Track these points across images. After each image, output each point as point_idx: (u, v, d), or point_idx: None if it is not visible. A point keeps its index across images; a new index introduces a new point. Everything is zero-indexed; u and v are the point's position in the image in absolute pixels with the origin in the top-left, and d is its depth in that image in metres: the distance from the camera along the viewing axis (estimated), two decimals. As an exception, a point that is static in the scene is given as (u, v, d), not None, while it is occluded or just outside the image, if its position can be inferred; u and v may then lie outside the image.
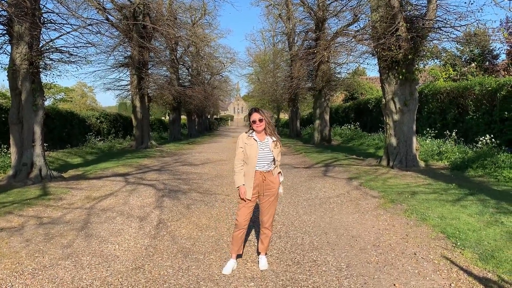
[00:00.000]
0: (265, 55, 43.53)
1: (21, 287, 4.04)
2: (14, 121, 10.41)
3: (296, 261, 4.70)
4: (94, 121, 24.87)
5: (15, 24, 9.84)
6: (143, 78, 21.62)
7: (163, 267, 4.54)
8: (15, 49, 10.16)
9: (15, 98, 10.44)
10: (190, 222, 6.51)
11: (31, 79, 10.41)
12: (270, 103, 42.08)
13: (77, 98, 62.46)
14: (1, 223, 6.33)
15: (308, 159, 15.07)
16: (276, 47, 39.06)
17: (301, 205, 7.58)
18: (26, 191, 8.92)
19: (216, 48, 39.41)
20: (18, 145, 10.38)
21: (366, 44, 13.90)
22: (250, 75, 53.10)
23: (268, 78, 39.02)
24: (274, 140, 4.46)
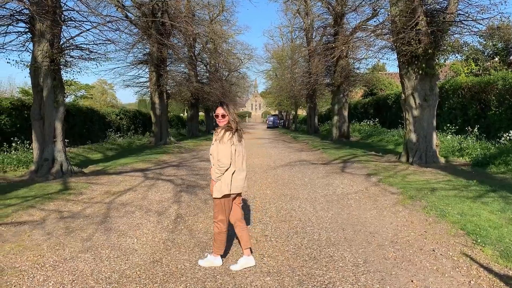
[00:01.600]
0: (283, 51, 43.37)
1: (42, 278, 4.14)
2: (36, 117, 10.63)
3: (313, 256, 4.68)
4: (114, 118, 25.22)
5: (36, 22, 10.04)
6: (161, 75, 21.81)
7: (181, 261, 4.58)
8: (36, 46, 10.36)
9: (37, 95, 10.65)
10: (207, 217, 6.55)
11: (52, 76, 10.61)
12: (288, 99, 42.01)
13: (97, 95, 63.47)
14: (24, 216, 6.48)
15: (326, 155, 14.98)
16: (294, 43, 38.90)
17: (318, 201, 7.54)
18: (47, 185, 9.11)
19: (234, 45, 39.46)
20: (40, 141, 10.60)
21: (385, 39, 13.71)
22: (268, 72, 53.05)
23: (286, 74, 38.92)
24: (217, 133, 4.30)
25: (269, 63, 51.40)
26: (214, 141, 4.29)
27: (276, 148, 20.16)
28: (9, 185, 9.35)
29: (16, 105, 15.37)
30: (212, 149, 4.33)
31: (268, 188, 8.91)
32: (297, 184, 9.31)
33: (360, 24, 18.61)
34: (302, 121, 51.71)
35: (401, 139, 16.81)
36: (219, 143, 4.22)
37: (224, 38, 33.60)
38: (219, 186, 4.30)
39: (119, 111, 27.11)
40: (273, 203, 7.47)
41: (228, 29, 37.26)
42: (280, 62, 44.08)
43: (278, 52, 45.26)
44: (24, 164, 11.95)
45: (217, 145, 4.24)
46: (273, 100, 54.08)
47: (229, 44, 37.40)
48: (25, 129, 14.84)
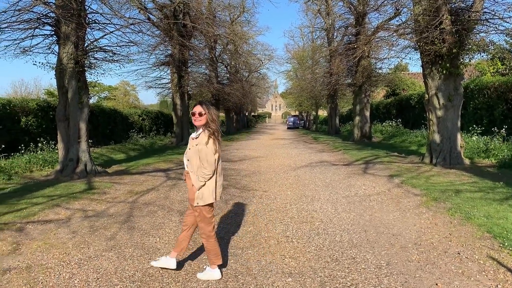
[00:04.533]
0: (304, 51, 43.22)
1: (68, 276, 4.23)
2: (61, 118, 10.86)
3: (335, 258, 4.65)
4: (137, 119, 25.59)
5: (62, 25, 10.25)
6: (183, 76, 22.00)
7: (202, 260, 4.61)
8: (62, 49, 10.59)
9: (62, 96, 10.88)
10: (228, 217, 6.57)
11: (77, 77, 10.82)
12: (309, 100, 41.83)
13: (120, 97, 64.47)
14: (50, 215, 6.64)
15: (348, 156, 14.85)
16: (314, 43, 38.73)
17: (340, 203, 7.48)
18: (72, 185, 9.30)
19: (254, 46, 39.60)
20: (65, 141, 10.83)
21: (408, 39, 13.51)
22: (288, 72, 52.90)
23: (307, 74, 38.75)
24: (194, 137, 4.01)
25: (289, 64, 51.32)
26: (194, 146, 3.96)
27: (296, 148, 20.10)
28: (36, 184, 9.58)
29: (42, 106, 15.76)
30: (190, 154, 4.00)
31: (289, 189, 8.89)
32: (318, 185, 9.26)
33: (382, 24, 18.42)
34: (322, 121, 51.39)
35: (424, 140, 16.54)
36: (202, 149, 3.89)
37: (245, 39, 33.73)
38: (201, 194, 3.96)
39: (141, 112, 27.50)
40: (294, 204, 7.45)
41: (249, 30, 37.43)
42: (301, 63, 43.92)
43: (299, 52, 45.12)
44: (49, 164, 12.22)
45: (198, 151, 3.92)
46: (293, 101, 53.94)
47: (250, 45, 37.58)
48: (50, 130, 15.20)
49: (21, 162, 11.59)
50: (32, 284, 4.02)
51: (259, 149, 20.34)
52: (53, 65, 11.17)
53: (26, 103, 15.11)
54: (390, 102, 28.86)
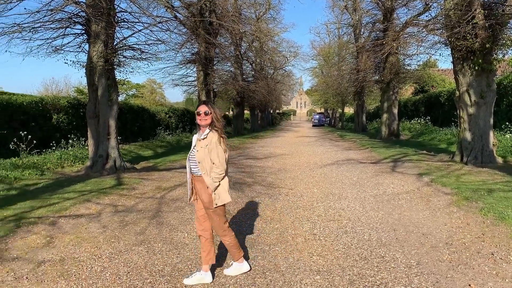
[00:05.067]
0: (330, 48, 42.82)
1: (99, 269, 4.33)
2: (91, 115, 11.11)
3: (363, 256, 4.59)
4: (163, 116, 25.93)
5: (92, 24, 10.47)
6: (209, 74, 22.13)
7: (229, 256, 4.63)
8: (92, 47, 10.82)
9: (92, 94, 11.12)
10: (254, 214, 6.59)
11: (106, 75, 11.04)
12: (335, 97, 41.42)
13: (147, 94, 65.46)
14: (81, 210, 6.80)
15: (375, 154, 14.64)
16: (341, 40, 38.31)
17: (368, 201, 7.38)
18: (102, 181, 9.51)
19: (280, 42, 39.44)
20: (94, 138, 11.08)
21: (438, 34, 13.18)
22: (314, 69, 52.59)
23: (333, 71, 38.37)
24: (202, 137, 3.89)
25: (315, 60, 51.00)
26: (204, 147, 3.85)
27: (322, 146, 19.94)
28: (67, 179, 9.84)
29: (72, 104, 16.17)
30: (201, 156, 3.86)
31: (315, 187, 8.83)
32: (345, 183, 9.16)
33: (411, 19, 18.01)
34: (349, 119, 50.84)
35: (454, 138, 16.14)
36: (213, 149, 3.82)
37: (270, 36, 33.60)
38: (218, 194, 3.91)
39: (168, 109, 27.86)
40: (321, 202, 7.40)
41: (274, 27, 37.27)
42: (327, 59, 43.55)
43: (325, 49, 44.74)
44: (80, 160, 12.52)
45: (209, 151, 3.84)
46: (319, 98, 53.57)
47: (275, 42, 37.42)
48: (81, 127, 15.59)
49: (53, 158, 11.91)
50: (66, 276, 4.13)
51: (284, 146, 20.28)
52: (83, 63, 11.43)
53: (57, 100, 15.53)
54: (419, 99, 28.27)
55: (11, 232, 5.46)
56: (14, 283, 3.98)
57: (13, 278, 4.10)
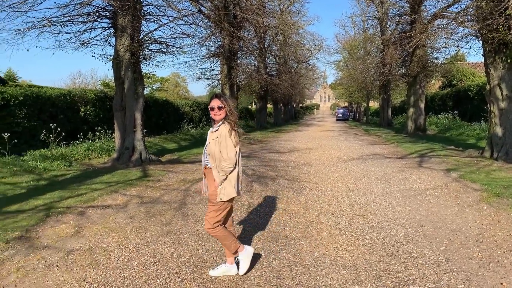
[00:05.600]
0: (355, 41, 42.18)
1: (127, 259, 4.39)
2: (118, 108, 11.28)
3: (390, 252, 4.52)
4: (187, 110, 26.14)
5: (119, 18, 10.60)
6: (232, 67, 22.16)
7: (255, 249, 4.63)
8: (119, 41, 10.95)
9: (119, 87, 11.28)
10: (278, 207, 6.57)
11: (132, 69, 11.17)
12: (359, 91, 40.92)
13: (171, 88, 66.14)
14: (108, 200, 6.92)
15: (401, 149, 14.38)
16: (366, 33, 37.69)
17: (394, 196, 7.26)
18: (128, 172, 9.65)
19: (304, 36, 39.03)
20: (121, 130, 11.25)
21: (468, 26, 12.80)
22: (338, 62, 51.92)
23: (358, 64, 37.80)
24: (214, 130, 3.83)
25: (339, 54, 50.30)
26: (214, 139, 3.79)
27: (347, 141, 19.73)
28: (94, 171, 10.04)
29: (99, 96, 16.45)
30: (212, 148, 3.80)
31: (340, 182, 8.74)
32: (370, 178, 9.03)
33: (440, 11, 17.52)
34: (373, 113, 50.11)
35: (483, 133, 15.70)
36: (222, 142, 3.74)
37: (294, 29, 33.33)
38: (223, 188, 3.81)
39: (191, 103, 28.05)
40: (346, 196, 7.32)
41: (299, 20, 36.93)
42: (351, 53, 42.95)
43: (350, 42, 44.10)
44: (106, 152, 12.74)
45: (219, 143, 3.76)
46: (343, 92, 52.98)
47: (299, 35, 37.05)
48: (107, 119, 15.85)
49: (81, 150, 12.16)
50: (94, 265, 4.21)
51: (308, 141, 20.16)
52: (110, 57, 11.60)
53: (84, 93, 15.83)
54: (447, 93, 27.59)
55: (41, 221, 5.60)
56: (45, 271, 4.08)
57: (44, 265, 4.21)
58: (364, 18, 37.87)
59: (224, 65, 22.22)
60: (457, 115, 23.49)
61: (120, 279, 3.90)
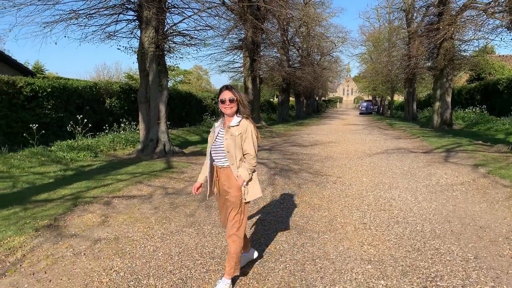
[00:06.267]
0: (380, 33, 41.43)
1: (152, 249, 4.45)
2: (142, 100, 11.40)
3: (416, 248, 4.44)
4: (210, 102, 26.25)
5: (144, 10, 10.68)
6: (255, 60, 22.11)
7: (278, 242, 4.63)
8: (143, 33, 11.04)
9: (143, 79, 11.39)
10: (302, 201, 6.53)
11: (157, 61, 11.25)
12: (384, 84, 40.24)
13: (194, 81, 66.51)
14: (133, 191, 7.03)
15: (427, 144, 14.10)
16: (392, 25, 36.96)
17: (420, 191, 7.12)
18: (152, 163, 9.77)
19: (328, 28, 38.58)
20: (145, 122, 11.38)
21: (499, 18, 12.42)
22: (362, 55, 51.18)
23: (383, 57, 37.16)
24: (234, 125, 3.45)
25: (363, 46, 49.60)
26: (234, 135, 3.42)
27: (371, 134, 19.47)
28: (119, 162, 10.20)
29: (124, 88, 16.67)
30: (229, 145, 3.42)
31: (364, 176, 8.62)
32: (395, 173, 8.89)
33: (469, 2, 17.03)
34: (398, 107, 49.25)
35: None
36: (247, 137, 3.44)
37: (318, 21, 32.98)
38: (250, 188, 3.53)
39: (214, 95, 28.14)
40: (370, 191, 7.22)
41: (322, 11, 36.50)
42: (376, 45, 42.21)
43: (374, 34, 43.35)
44: (131, 143, 12.93)
45: (243, 140, 3.44)
46: (367, 85, 52.27)
47: (323, 27, 36.66)
48: (131, 111, 16.07)
49: (106, 141, 12.36)
50: (121, 254, 4.28)
51: (331, 134, 19.99)
52: (135, 49, 11.71)
53: (110, 85, 16.07)
54: (474, 87, 26.85)
55: (69, 210, 5.73)
56: (73, 259, 4.17)
57: (72, 253, 4.30)
58: (389, 9, 37.14)
59: (246, 58, 22.20)
60: (485, 109, 22.87)
61: (146, 268, 3.95)
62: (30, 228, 4.91)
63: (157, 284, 3.62)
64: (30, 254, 4.24)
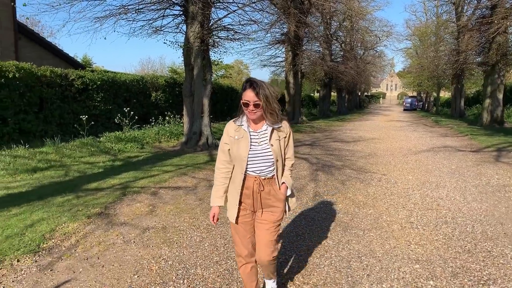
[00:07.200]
0: (426, 27, 40.00)
1: (198, 239, 4.55)
2: (187, 94, 11.62)
3: (467, 249, 4.29)
4: (251, 96, 26.33)
5: (190, 5, 10.85)
6: (297, 54, 21.96)
7: (323, 238, 4.61)
8: (189, 28, 11.22)
9: (188, 74, 11.60)
10: (346, 197, 6.46)
11: (202, 56, 11.42)
12: (429, 80, 38.92)
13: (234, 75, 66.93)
14: (179, 182, 7.21)
15: (476, 142, 13.55)
16: (439, 18, 35.58)
17: (469, 191, 6.87)
18: (196, 156, 9.96)
19: (372, 21, 37.57)
20: (189, 115, 11.60)
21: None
22: (408, 49, 49.66)
23: (429, 52, 35.92)
24: (277, 127, 2.82)
25: (409, 41, 48.11)
26: (279, 139, 2.84)
27: (415, 131, 18.93)
28: (164, 153, 10.47)
29: (169, 82, 17.04)
30: (277, 150, 2.82)
31: (410, 174, 8.41)
32: (442, 172, 8.61)
33: (526, -7, 16.18)
34: (444, 103, 47.55)
35: None
36: (290, 141, 2.97)
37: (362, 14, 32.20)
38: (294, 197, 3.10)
39: (255, 90, 28.24)
40: (416, 189, 7.03)
41: (367, 5, 35.54)
42: (422, 39, 40.83)
43: (421, 28, 41.90)
44: (175, 136, 13.21)
45: (287, 144, 2.94)
46: (412, 80, 50.69)
47: (367, 20, 35.78)
48: (175, 104, 16.42)
49: (151, 133, 12.71)
50: (168, 244, 4.41)
51: (374, 130, 19.59)
52: (181, 44, 11.94)
53: (156, 79, 16.46)
54: (529, 83, 25.51)
55: (118, 199, 5.95)
56: (124, 246, 4.33)
57: (122, 241, 4.47)
58: (437, 3, 35.82)
59: (289, 52, 22.11)
60: (540, 107, 21.69)
61: (193, 258, 4.06)
62: (82, 215, 5.14)
63: (204, 274, 3.71)
64: (83, 240, 4.45)
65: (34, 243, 4.22)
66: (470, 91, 38.92)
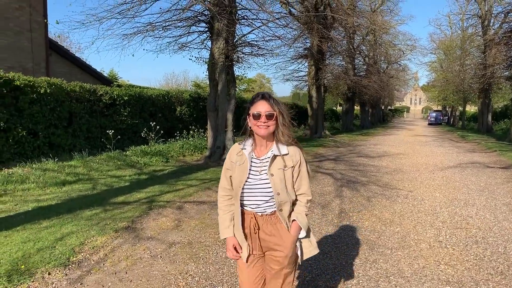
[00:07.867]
0: (451, 41, 39.49)
1: (224, 255, 4.56)
2: (211, 108, 11.75)
3: (499, 271, 4.17)
4: (274, 110, 26.43)
5: (215, 22, 11.04)
6: (320, 68, 21.99)
7: (350, 256, 4.56)
8: (214, 44, 11.40)
9: (213, 89, 11.74)
10: (372, 215, 6.38)
11: (226, 71, 11.56)
12: (455, 94, 38.25)
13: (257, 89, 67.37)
14: (203, 197, 7.26)
15: (505, 159, 13.21)
16: (465, 32, 35.11)
17: (500, 210, 6.69)
18: (219, 170, 9.93)
19: (396, 35, 37.37)
20: (213, 130, 11.71)
21: None
22: (432, 63, 49.00)
23: (454, 66, 35.38)
24: (285, 154, 2.40)
25: (433, 54, 47.49)
26: (282, 168, 2.38)
27: (441, 147, 18.58)
28: (189, 167, 10.57)
29: (193, 97, 17.28)
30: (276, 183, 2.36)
31: (437, 191, 8.25)
32: (471, 189, 8.42)
33: (556, 6, 15.84)
34: (470, 118, 46.57)
35: None
36: (302, 170, 2.46)
37: (386, 29, 32.11)
38: (306, 241, 2.55)
39: (277, 104, 28.33)
40: (444, 207, 6.89)
41: (390, 19, 35.47)
42: (447, 53, 40.27)
43: (445, 42, 41.38)
44: (199, 150, 13.33)
45: (296, 174, 2.44)
46: (436, 95, 49.91)
47: (391, 34, 35.61)
48: (199, 119, 16.61)
49: (176, 147, 12.86)
50: (195, 259, 4.44)
51: (399, 145, 19.33)
52: (205, 60, 12.11)
53: (180, 94, 16.73)
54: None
55: (144, 214, 6.03)
56: (151, 261, 4.38)
57: (149, 256, 4.52)
58: (463, 16, 35.35)
59: (311, 66, 22.16)
60: None
61: (219, 274, 4.07)
62: (110, 229, 5.22)
63: (231, 291, 3.71)
64: (111, 254, 4.52)
65: (64, 256, 4.31)
66: (498, 105, 38.05)
